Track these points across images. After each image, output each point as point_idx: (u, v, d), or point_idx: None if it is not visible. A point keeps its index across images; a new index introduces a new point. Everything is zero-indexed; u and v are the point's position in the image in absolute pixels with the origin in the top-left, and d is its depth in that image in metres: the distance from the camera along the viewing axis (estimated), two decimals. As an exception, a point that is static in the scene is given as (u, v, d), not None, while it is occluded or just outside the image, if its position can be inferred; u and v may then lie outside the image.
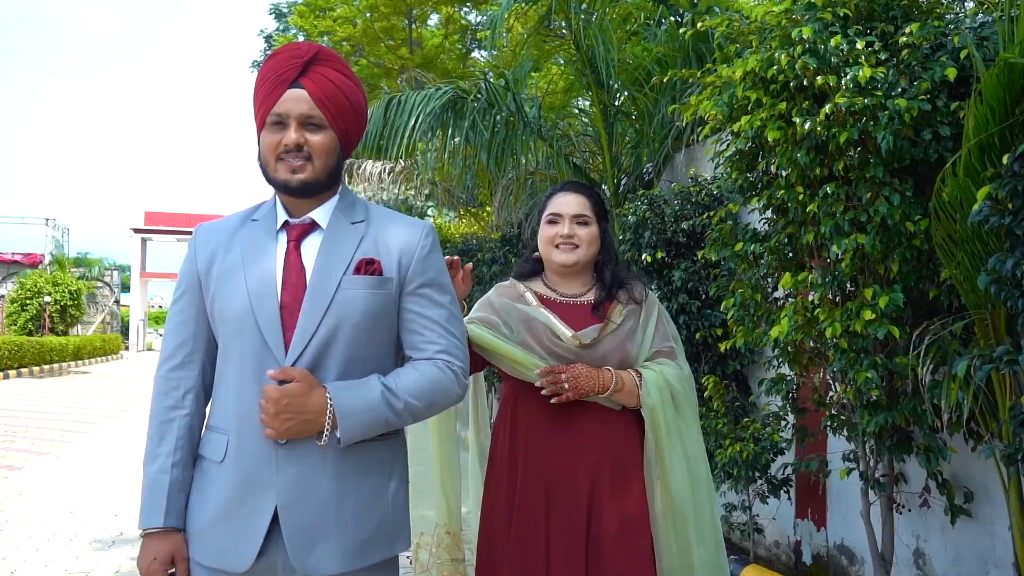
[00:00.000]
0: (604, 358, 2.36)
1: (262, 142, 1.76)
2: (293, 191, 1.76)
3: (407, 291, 1.80)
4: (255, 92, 1.78)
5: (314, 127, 1.74)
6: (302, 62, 1.74)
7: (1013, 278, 2.46)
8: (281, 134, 1.73)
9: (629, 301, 2.44)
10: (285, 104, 1.73)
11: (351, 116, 1.79)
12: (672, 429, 2.35)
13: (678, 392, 2.39)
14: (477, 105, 6.15)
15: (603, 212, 2.52)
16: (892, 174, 3.13)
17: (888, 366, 3.16)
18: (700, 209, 5.09)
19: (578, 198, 2.47)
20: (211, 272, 1.78)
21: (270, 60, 1.78)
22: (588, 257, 2.46)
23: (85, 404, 14.66)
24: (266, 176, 1.78)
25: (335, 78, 1.76)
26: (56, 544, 5.35)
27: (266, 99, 1.74)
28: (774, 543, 4.94)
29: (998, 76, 2.58)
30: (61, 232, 38.52)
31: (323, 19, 18.31)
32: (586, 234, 2.44)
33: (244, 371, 1.71)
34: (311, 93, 1.73)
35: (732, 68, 3.41)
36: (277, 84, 1.73)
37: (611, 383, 2.30)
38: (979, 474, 3.38)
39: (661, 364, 2.41)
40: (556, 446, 2.34)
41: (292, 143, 1.72)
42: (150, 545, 1.72)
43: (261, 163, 1.78)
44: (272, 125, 1.74)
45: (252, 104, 1.80)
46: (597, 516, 2.31)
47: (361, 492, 1.73)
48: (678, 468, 2.34)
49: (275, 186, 1.78)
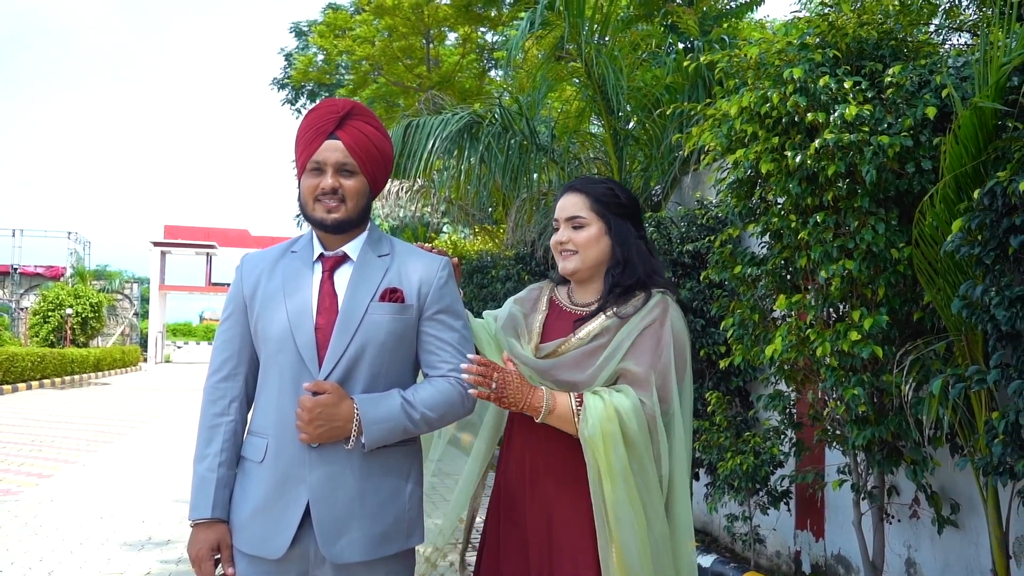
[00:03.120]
0: (556, 377, 2.12)
1: (302, 185, 2.03)
2: (329, 228, 2.02)
3: (425, 316, 2.06)
4: (296, 141, 2.05)
5: (348, 173, 2.01)
6: (338, 116, 2.01)
7: (982, 303, 2.67)
8: (319, 179, 2.00)
9: (614, 315, 2.14)
10: (323, 153, 1.99)
11: (379, 163, 2.06)
12: (619, 475, 1.97)
13: (631, 429, 1.98)
14: (492, 129, 6.40)
15: (610, 208, 2.24)
16: (878, 204, 3.34)
17: (875, 383, 3.37)
18: (705, 231, 5.30)
19: (572, 199, 2.26)
20: (255, 296, 2.04)
21: (311, 114, 2.05)
22: (590, 262, 2.22)
23: (108, 415, 14.97)
24: (305, 214, 2.04)
25: (367, 131, 2.04)
26: (89, 547, 5.62)
27: (306, 147, 2.01)
28: (775, 553, 5.12)
29: (971, 117, 2.80)
30: (83, 245, 39.09)
31: (343, 39, 18.70)
32: (582, 238, 2.22)
33: (283, 384, 1.96)
34: (345, 143, 2.00)
35: (729, 103, 3.64)
36: (316, 135, 2.00)
37: (540, 404, 2.02)
38: (965, 486, 3.57)
39: (617, 391, 2.04)
40: (519, 466, 2.20)
41: (328, 187, 1.99)
42: (198, 534, 1.97)
43: (301, 203, 2.04)
44: (311, 171, 2.01)
45: (294, 151, 2.06)
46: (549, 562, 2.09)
47: (382, 491, 1.98)
48: (628, 531, 1.98)
49: (312, 223, 2.04)
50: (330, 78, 21.21)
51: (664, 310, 2.13)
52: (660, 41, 7.68)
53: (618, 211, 2.23)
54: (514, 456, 2.23)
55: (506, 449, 2.30)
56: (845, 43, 3.51)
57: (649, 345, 2.08)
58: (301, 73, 21.11)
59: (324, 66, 20.84)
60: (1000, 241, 2.63)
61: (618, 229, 2.22)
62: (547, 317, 2.27)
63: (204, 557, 1.95)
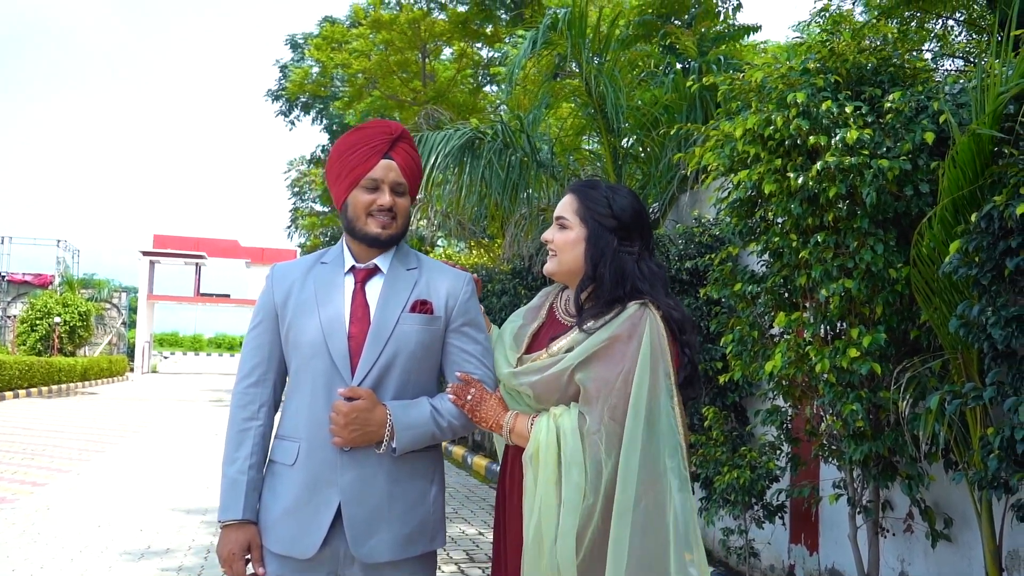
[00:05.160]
0: (525, 391, 2.09)
1: (355, 200, 2.10)
2: (381, 243, 2.12)
3: (451, 328, 2.15)
4: (342, 155, 2.12)
5: (399, 193, 2.12)
6: (393, 138, 2.11)
7: (979, 323, 2.77)
8: (375, 195, 2.09)
9: (584, 330, 2.05)
10: (381, 171, 2.09)
11: (418, 185, 2.20)
12: (545, 495, 1.96)
13: (566, 448, 1.95)
14: (493, 145, 6.51)
15: (595, 215, 2.14)
16: (877, 225, 3.45)
17: (872, 400, 3.46)
18: (703, 249, 5.40)
19: (566, 198, 2.20)
20: (288, 304, 2.12)
21: (361, 132, 2.13)
22: (566, 265, 2.15)
23: (98, 425, 14.93)
24: (353, 227, 2.11)
25: (414, 155, 2.16)
26: (89, 555, 5.64)
27: (361, 164, 2.09)
28: (769, 567, 5.20)
29: (969, 143, 2.91)
30: (71, 254, 38.93)
31: (339, 52, 18.78)
32: (561, 239, 2.16)
33: (316, 389, 2.04)
34: (399, 164, 2.11)
35: (733, 125, 3.74)
36: (372, 153, 2.09)
37: (503, 422, 2.07)
38: (958, 501, 3.67)
39: (565, 411, 2.01)
40: None
41: (387, 204, 2.09)
42: (229, 535, 2.04)
43: (350, 216, 2.11)
44: (366, 188, 2.09)
45: (335, 164, 2.13)
46: None
47: (409, 494, 2.06)
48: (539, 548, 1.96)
49: (361, 237, 2.11)
50: (325, 91, 21.31)
51: (635, 324, 2.00)
52: (658, 61, 7.82)
53: (603, 220, 2.12)
54: (507, 467, 2.24)
55: (503, 465, 2.30)
56: (845, 68, 3.63)
57: (608, 359, 1.98)
58: (297, 85, 21.18)
59: (320, 79, 20.93)
60: (996, 263, 2.73)
61: (596, 238, 2.11)
62: (541, 326, 2.24)
63: (237, 557, 2.02)
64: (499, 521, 2.23)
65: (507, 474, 2.20)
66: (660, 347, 2.00)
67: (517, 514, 2.08)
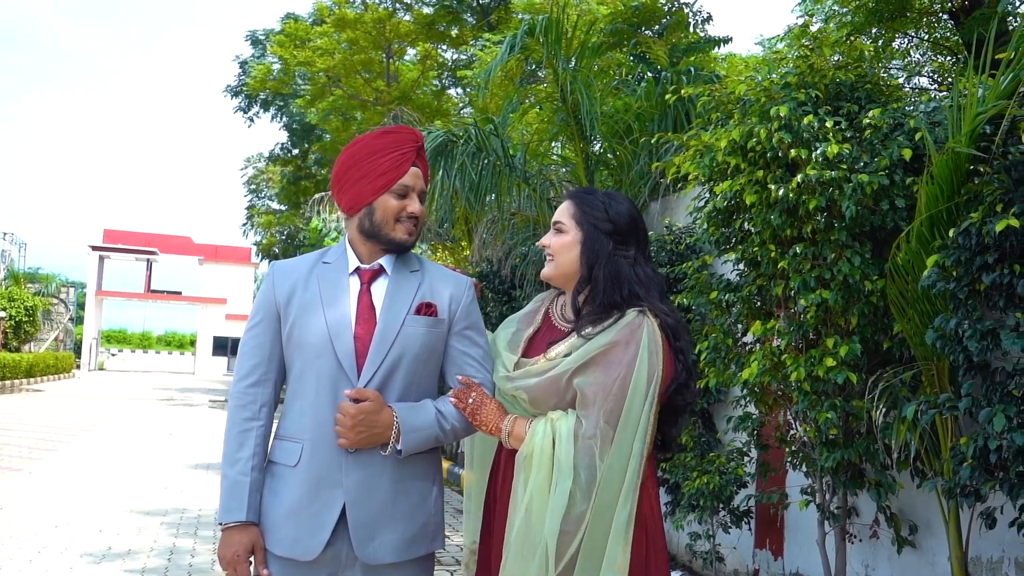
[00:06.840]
0: (523, 396, 2.10)
1: (385, 204, 2.10)
2: (405, 248, 2.15)
3: (454, 331, 2.17)
4: (368, 157, 2.11)
5: (421, 200, 2.15)
6: (418, 146, 2.14)
7: (955, 335, 2.86)
8: (405, 202, 2.11)
9: (582, 336, 2.06)
10: (411, 179, 2.12)
11: None
12: (541, 503, 1.95)
13: (560, 453, 1.96)
14: (467, 149, 6.51)
15: (591, 219, 2.17)
16: (854, 238, 3.53)
17: (846, 408, 3.54)
18: (674, 257, 5.46)
19: (564, 204, 2.23)
20: (291, 303, 2.10)
21: (388, 136, 2.14)
22: (562, 268, 2.18)
23: (47, 423, 14.57)
24: (379, 231, 2.11)
25: (427, 163, 2.21)
26: (48, 556, 5.51)
27: (394, 169, 2.09)
28: (734, 571, 5.27)
29: (947, 161, 3.00)
30: (18, 247, 37.96)
31: (302, 49, 18.63)
32: (558, 243, 2.17)
33: (321, 390, 2.04)
34: (423, 173, 2.16)
35: (715, 136, 3.81)
36: (403, 160, 2.11)
37: (502, 425, 2.09)
38: (923, 509, 3.77)
39: (563, 416, 2.03)
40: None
41: (417, 212, 2.12)
42: (231, 537, 2.02)
43: (377, 220, 2.10)
44: (396, 194, 2.10)
45: (359, 165, 2.11)
46: None
47: (412, 495, 2.07)
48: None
49: (388, 242, 2.12)
50: (287, 88, 21.12)
51: (634, 331, 2.02)
52: (630, 70, 7.90)
53: (599, 224, 2.15)
54: (500, 470, 2.23)
55: (494, 468, 2.28)
56: (824, 84, 3.71)
57: (606, 364, 1.99)
58: (259, 82, 20.97)
59: (282, 76, 20.74)
60: (973, 277, 2.82)
61: (592, 242, 2.13)
62: (537, 331, 2.24)
63: (241, 559, 2.00)
64: (487, 523, 2.23)
65: (500, 476, 2.20)
66: (656, 355, 2.02)
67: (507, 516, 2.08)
